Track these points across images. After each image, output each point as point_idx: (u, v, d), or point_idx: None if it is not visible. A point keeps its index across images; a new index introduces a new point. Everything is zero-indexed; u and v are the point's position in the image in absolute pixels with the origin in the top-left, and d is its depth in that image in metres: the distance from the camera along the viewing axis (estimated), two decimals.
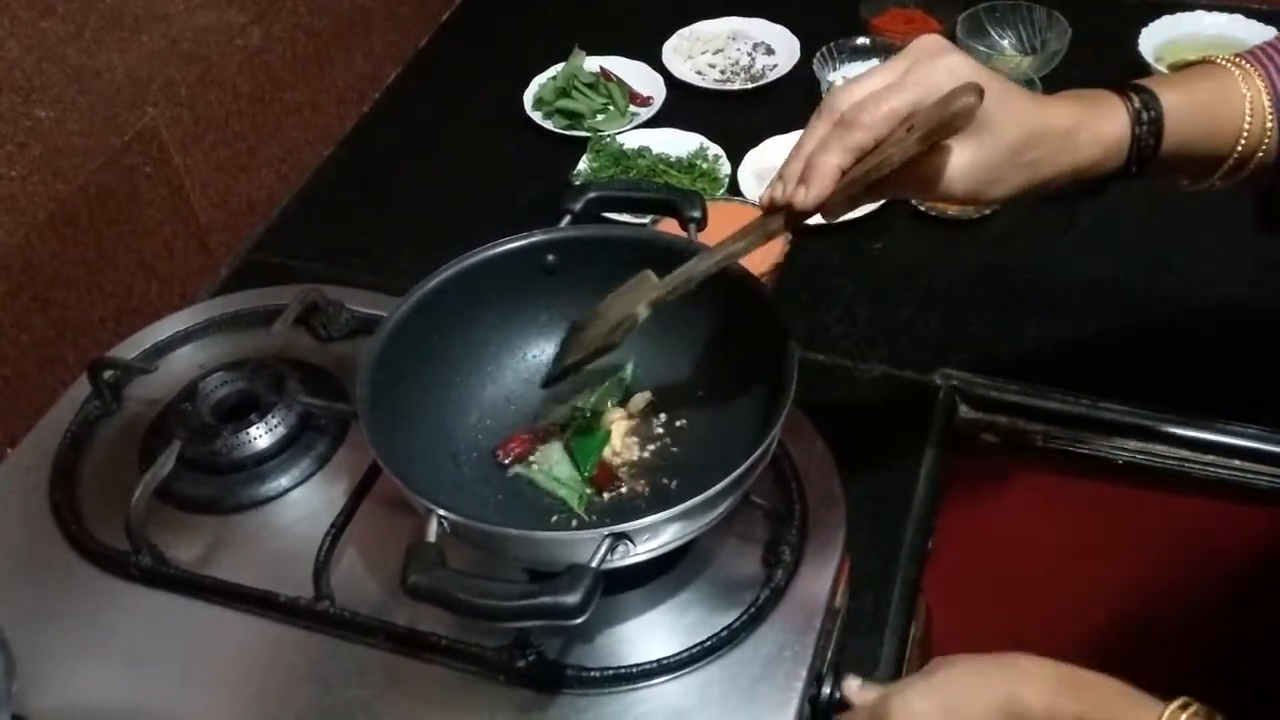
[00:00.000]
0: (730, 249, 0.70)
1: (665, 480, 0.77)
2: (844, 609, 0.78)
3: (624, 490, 0.76)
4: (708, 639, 0.71)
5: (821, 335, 1.03)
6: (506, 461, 0.78)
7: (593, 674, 0.70)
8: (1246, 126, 0.68)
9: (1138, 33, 1.24)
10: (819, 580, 0.75)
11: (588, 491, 0.76)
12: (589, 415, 0.79)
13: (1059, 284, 1.06)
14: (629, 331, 0.72)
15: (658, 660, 0.70)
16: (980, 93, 0.60)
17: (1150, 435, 0.95)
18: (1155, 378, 0.97)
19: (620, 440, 0.78)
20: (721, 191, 1.15)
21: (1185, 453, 0.95)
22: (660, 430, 0.81)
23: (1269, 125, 0.68)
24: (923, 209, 1.12)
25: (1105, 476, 0.98)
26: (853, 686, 0.71)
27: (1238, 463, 0.94)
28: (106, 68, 1.00)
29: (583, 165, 1.20)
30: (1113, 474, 0.97)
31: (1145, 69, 1.21)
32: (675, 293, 0.71)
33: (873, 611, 0.83)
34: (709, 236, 0.83)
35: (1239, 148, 0.68)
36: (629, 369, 0.80)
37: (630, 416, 0.81)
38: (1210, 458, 0.94)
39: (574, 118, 1.28)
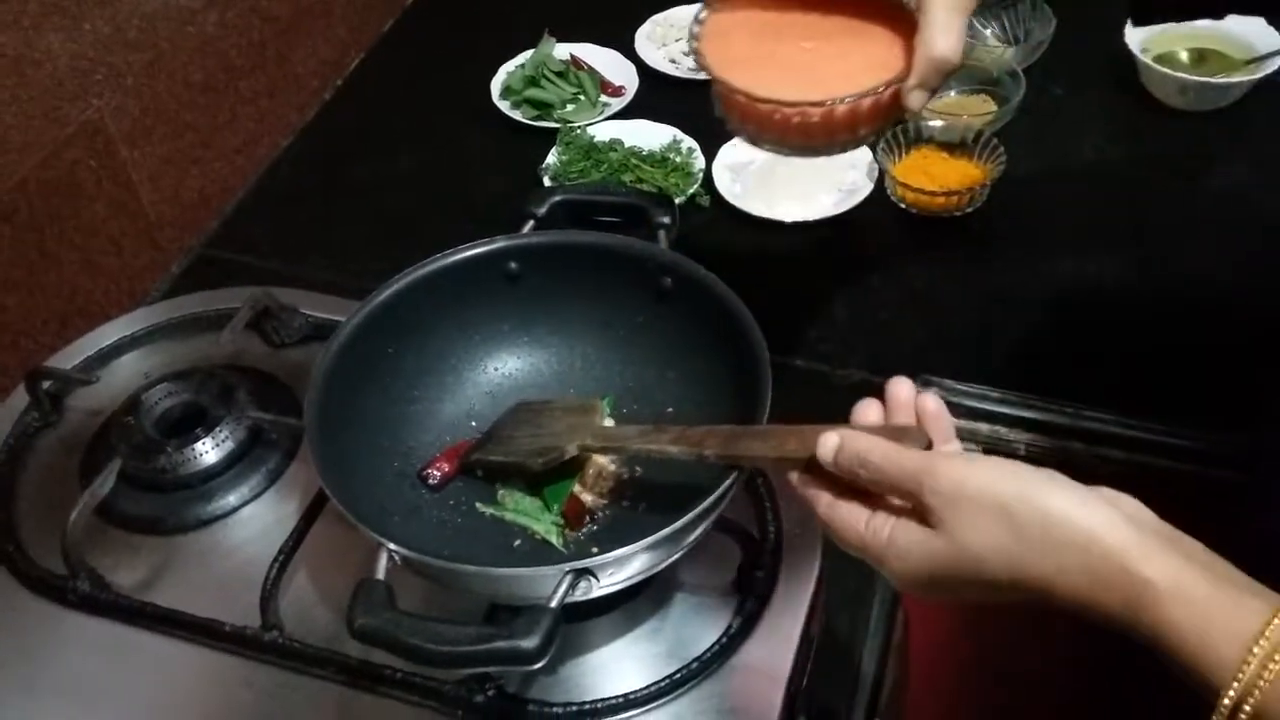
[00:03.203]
0: (670, 448, 0.65)
1: (631, 505, 0.73)
2: (820, 633, 0.75)
3: (595, 525, 0.73)
4: (677, 671, 0.68)
5: (798, 338, 0.99)
6: (434, 482, 0.75)
7: (555, 710, 0.67)
8: None
9: (1123, 23, 1.20)
10: (794, 606, 0.72)
11: (560, 524, 0.72)
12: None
13: (1043, 285, 1.03)
14: (550, 463, 0.71)
15: (624, 695, 0.67)
16: None
17: (1135, 445, 0.92)
18: (1140, 384, 0.94)
19: (591, 475, 0.74)
20: (695, 186, 1.11)
21: (1168, 462, 0.92)
22: (629, 453, 0.77)
23: None
24: (903, 206, 1.08)
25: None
26: (826, 454, 0.56)
27: (1227, 472, 0.91)
28: (46, 56, 0.95)
29: (551, 158, 1.16)
30: (1096, 483, 0.94)
31: (1131, 60, 1.18)
32: (605, 450, 0.72)
33: (850, 633, 0.79)
34: None
35: None
36: (605, 407, 0.76)
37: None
38: (1192, 467, 0.92)
39: (543, 108, 1.24)
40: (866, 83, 0.66)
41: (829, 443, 0.57)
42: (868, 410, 0.60)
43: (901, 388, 0.59)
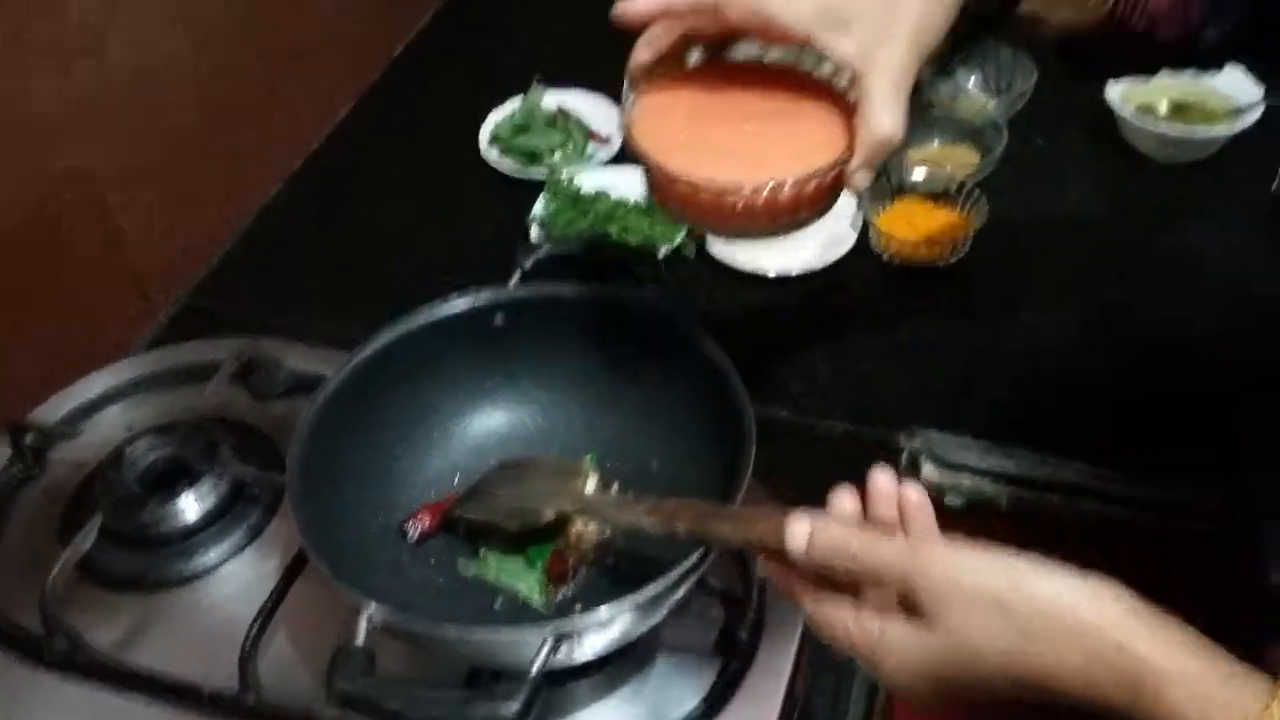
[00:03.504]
0: (643, 520, 0.64)
1: (614, 564, 0.73)
2: (804, 695, 0.74)
3: (578, 584, 0.73)
4: None
5: (782, 390, 0.99)
6: (414, 537, 0.75)
7: None
8: None
9: (1104, 75, 1.21)
10: (777, 667, 0.72)
11: (543, 581, 0.72)
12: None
13: (1026, 335, 1.03)
14: (526, 526, 0.71)
15: None
16: None
17: (1118, 498, 0.92)
18: (1124, 436, 0.94)
19: (573, 535, 0.74)
20: (681, 237, 1.12)
21: (1152, 516, 0.92)
22: None
23: None
24: (887, 257, 1.09)
25: (1072, 539, 0.95)
26: (797, 546, 0.55)
27: (1209, 525, 0.91)
28: (36, 105, 0.96)
29: (539, 208, 1.17)
30: (1079, 536, 0.94)
31: (1111, 112, 1.19)
32: (582, 515, 0.71)
33: (834, 693, 0.79)
34: None
35: None
36: (590, 470, 0.76)
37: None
38: (1175, 520, 0.92)
39: (532, 157, 1.25)
40: (811, 164, 0.64)
41: (799, 533, 0.54)
42: (843, 500, 0.58)
43: (882, 478, 0.57)
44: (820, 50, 0.65)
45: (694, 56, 0.70)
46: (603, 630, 0.61)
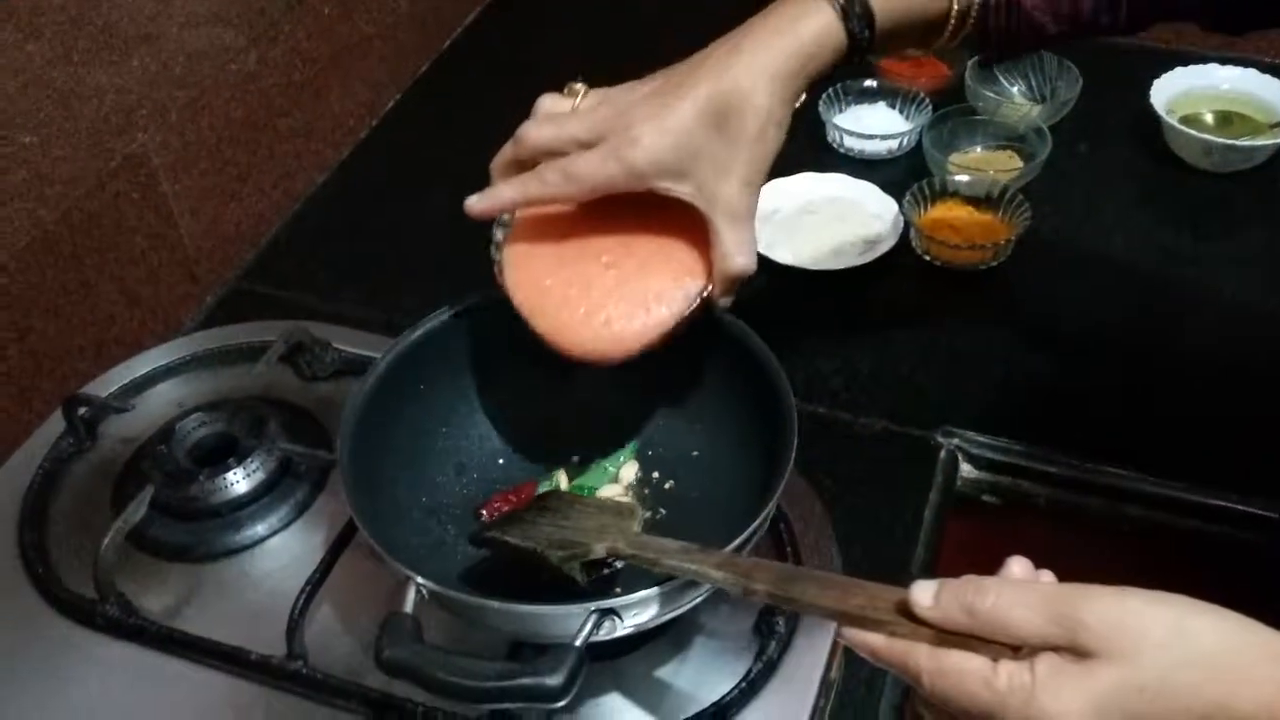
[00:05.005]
0: (714, 573, 0.59)
1: None
2: (839, 680, 0.75)
3: (620, 563, 0.73)
4: (696, 715, 0.68)
5: (821, 387, 1.00)
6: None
7: None
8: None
9: (1149, 84, 1.22)
10: (814, 652, 0.72)
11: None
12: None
13: (1065, 340, 1.04)
14: (574, 559, 0.65)
15: None
16: None
17: (1157, 502, 0.92)
18: (1161, 442, 0.95)
19: None
20: None
21: (1194, 521, 0.92)
22: (653, 494, 0.78)
23: None
24: (928, 259, 1.09)
25: (1108, 542, 0.95)
26: (924, 597, 0.50)
27: (1252, 534, 0.91)
28: (94, 92, 0.98)
29: None
30: (1116, 539, 0.95)
31: (1156, 120, 1.19)
32: (635, 560, 0.65)
33: (868, 680, 0.79)
34: None
35: (954, 11, 0.71)
36: (630, 450, 0.77)
37: (624, 491, 0.78)
38: (1220, 528, 0.92)
39: None
40: (674, 304, 0.70)
41: (927, 584, 0.50)
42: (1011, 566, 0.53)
43: (1016, 566, 0.53)
44: (663, 194, 0.68)
45: None
46: (644, 608, 0.62)
